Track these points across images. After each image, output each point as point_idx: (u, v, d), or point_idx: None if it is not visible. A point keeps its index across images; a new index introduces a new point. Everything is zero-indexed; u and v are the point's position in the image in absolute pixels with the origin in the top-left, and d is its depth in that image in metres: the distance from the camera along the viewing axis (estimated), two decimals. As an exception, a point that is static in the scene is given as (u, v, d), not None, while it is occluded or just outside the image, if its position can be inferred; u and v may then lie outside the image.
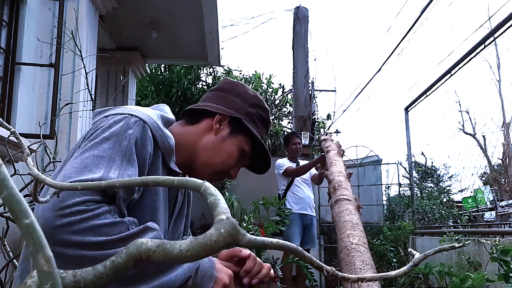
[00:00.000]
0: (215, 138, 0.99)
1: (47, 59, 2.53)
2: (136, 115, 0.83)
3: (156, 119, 0.88)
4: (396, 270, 0.34)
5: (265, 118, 1.07)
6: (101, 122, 0.83)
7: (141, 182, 0.37)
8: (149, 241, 0.31)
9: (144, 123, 0.83)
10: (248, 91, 1.07)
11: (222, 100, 1.03)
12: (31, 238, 0.27)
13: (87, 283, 0.31)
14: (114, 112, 0.86)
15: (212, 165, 1.00)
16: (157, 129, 0.86)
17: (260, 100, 1.07)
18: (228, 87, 1.07)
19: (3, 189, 0.27)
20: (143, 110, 0.89)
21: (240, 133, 1.01)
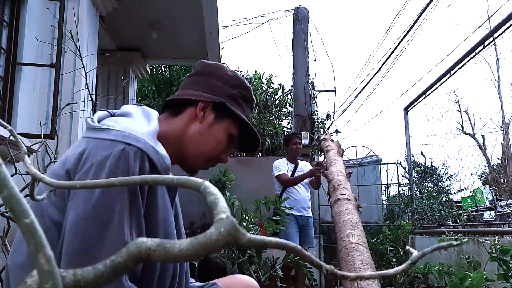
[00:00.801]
0: (201, 127, 0.97)
1: (48, 59, 2.53)
2: (133, 145, 0.79)
3: (150, 139, 0.84)
4: (395, 268, 0.34)
5: (248, 97, 1.04)
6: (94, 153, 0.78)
7: (141, 181, 0.38)
8: (149, 240, 0.31)
9: (142, 152, 0.80)
10: (227, 72, 1.03)
11: (202, 85, 1.00)
12: (32, 238, 0.27)
13: (87, 282, 0.31)
14: (109, 138, 0.80)
15: (202, 154, 0.99)
16: (154, 153, 0.82)
17: (241, 79, 1.04)
18: (206, 71, 1.03)
19: (4, 188, 0.27)
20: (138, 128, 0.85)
21: (226, 117, 0.99)
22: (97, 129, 0.83)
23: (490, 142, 12.74)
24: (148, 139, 0.83)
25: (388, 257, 4.02)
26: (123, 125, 0.84)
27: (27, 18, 2.42)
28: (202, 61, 1.08)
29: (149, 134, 0.85)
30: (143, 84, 8.18)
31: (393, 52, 6.76)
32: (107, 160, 0.76)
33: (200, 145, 0.97)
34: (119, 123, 0.86)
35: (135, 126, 0.86)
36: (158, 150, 0.84)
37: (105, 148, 0.78)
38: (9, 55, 2.34)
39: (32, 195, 0.49)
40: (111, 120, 0.88)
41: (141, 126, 0.87)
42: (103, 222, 0.73)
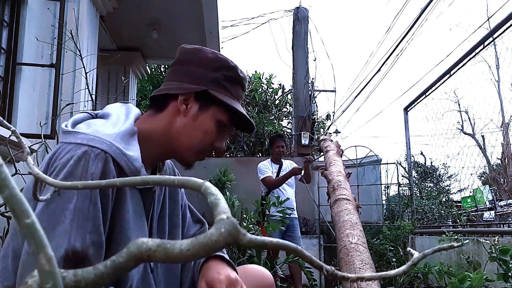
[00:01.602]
0: (186, 120, 0.93)
1: (48, 59, 2.53)
2: (97, 147, 0.78)
3: (118, 141, 0.82)
4: (395, 269, 0.34)
5: (233, 76, 0.97)
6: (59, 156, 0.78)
7: (142, 181, 0.38)
8: (150, 240, 0.31)
9: (105, 154, 0.79)
10: (206, 54, 0.96)
11: (182, 74, 0.95)
12: (32, 238, 0.27)
13: (87, 282, 0.31)
14: (74, 141, 0.79)
15: (192, 146, 0.95)
16: (120, 155, 0.81)
17: (222, 60, 0.97)
18: (185, 58, 0.97)
19: (4, 188, 0.27)
20: (106, 130, 0.83)
21: (211, 104, 0.94)
22: (66, 133, 0.82)
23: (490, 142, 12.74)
24: (115, 141, 0.81)
25: (388, 257, 4.02)
26: (93, 128, 0.84)
27: (27, 18, 2.42)
28: (182, 46, 1.01)
29: (118, 135, 0.83)
30: (142, 84, 8.19)
31: (393, 52, 6.76)
32: (68, 162, 0.76)
33: (188, 138, 0.94)
34: (91, 126, 0.85)
35: (104, 128, 0.84)
36: (126, 152, 0.82)
37: (69, 151, 0.78)
38: (9, 55, 2.34)
39: (35, 195, 0.50)
40: (85, 123, 0.87)
41: (111, 128, 0.85)
42: (52, 222, 0.72)
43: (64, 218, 0.73)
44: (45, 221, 0.72)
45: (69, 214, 0.73)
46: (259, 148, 8.26)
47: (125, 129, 0.86)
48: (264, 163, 4.04)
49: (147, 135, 0.91)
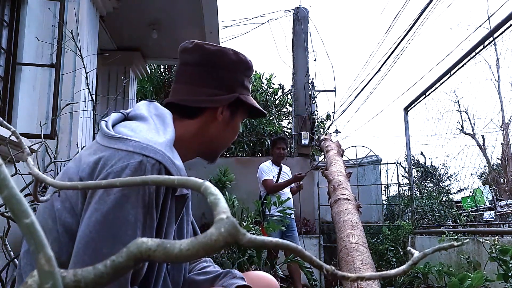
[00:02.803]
0: (220, 125, 0.99)
1: (48, 59, 2.53)
2: (151, 157, 0.77)
3: (168, 150, 0.82)
4: (395, 269, 0.34)
5: (251, 74, 1.04)
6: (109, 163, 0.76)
7: (142, 181, 0.38)
8: (150, 240, 0.31)
9: (160, 164, 0.78)
10: (230, 57, 0.98)
11: (210, 80, 0.96)
12: (32, 238, 0.27)
13: (87, 282, 0.31)
14: (125, 148, 0.77)
15: (225, 145, 1.05)
16: (172, 165, 0.80)
17: (245, 61, 1.00)
18: (210, 60, 0.97)
19: (4, 189, 0.27)
20: (155, 138, 0.82)
21: (239, 108, 1.01)
22: (113, 138, 0.80)
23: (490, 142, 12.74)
24: (166, 151, 0.80)
25: (388, 257, 4.02)
26: (140, 134, 0.82)
27: (27, 18, 2.42)
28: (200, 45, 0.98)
29: (167, 144, 0.83)
30: (142, 85, 8.19)
31: (393, 52, 6.76)
32: (123, 171, 0.74)
33: (222, 140, 1.02)
34: (136, 131, 0.83)
35: (152, 135, 0.83)
36: (175, 162, 0.82)
37: (122, 159, 0.76)
38: (9, 55, 2.34)
39: (35, 196, 0.49)
40: (126, 127, 0.86)
41: (158, 135, 0.84)
42: (114, 235, 0.71)
43: (126, 229, 0.72)
44: (106, 232, 0.71)
45: (131, 226, 0.72)
46: (259, 148, 8.26)
47: (170, 138, 0.86)
48: (267, 164, 4.04)
49: (180, 140, 0.92)
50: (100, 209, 0.72)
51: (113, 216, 0.72)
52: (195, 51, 0.98)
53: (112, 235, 0.71)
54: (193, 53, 0.98)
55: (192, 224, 1.13)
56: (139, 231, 0.73)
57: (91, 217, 0.72)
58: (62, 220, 0.77)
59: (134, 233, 0.72)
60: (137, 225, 0.73)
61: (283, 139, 4.33)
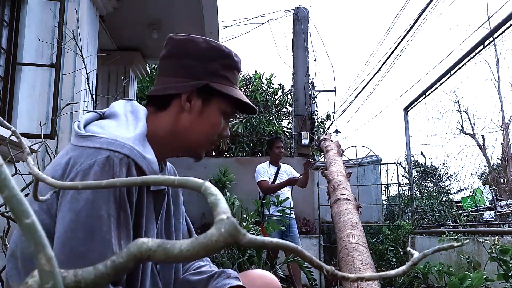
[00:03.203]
0: (192, 116, 0.94)
1: (48, 59, 2.53)
2: (118, 151, 0.77)
3: (137, 144, 0.81)
4: (395, 269, 0.34)
5: (230, 64, 0.96)
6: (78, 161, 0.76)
7: (142, 181, 0.38)
8: (150, 240, 0.31)
9: (128, 158, 0.77)
10: (200, 45, 0.94)
11: (179, 69, 0.94)
12: (32, 238, 0.27)
13: (88, 282, 0.31)
14: (93, 145, 0.77)
15: (201, 140, 0.97)
16: (141, 158, 0.80)
17: (217, 48, 0.95)
18: (178, 50, 0.95)
19: (4, 188, 0.27)
20: (123, 133, 0.82)
21: (213, 97, 0.94)
22: (82, 137, 0.81)
23: (490, 142, 12.75)
24: (134, 144, 0.80)
25: (388, 257, 4.02)
26: (108, 130, 0.82)
27: (27, 18, 2.42)
28: (171, 37, 0.98)
29: (136, 138, 0.82)
30: (143, 85, 8.19)
31: (393, 52, 6.76)
32: (91, 168, 0.74)
33: (196, 133, 0.95)
34: (105, 128, 0.84)
35: (120, 130, 0.83)
36: (146, 155, 0.81)
37: (89, 156, 0.76)
38: (9, 55, 2.34)
39: (35, 195, 0.50)
40: (97, 124, 0.86)
41: (127, 130, 0.84)
42: (89, 232, 0.71)
43: (100, 226, 0.71)
44: (81, 230, 0.71)
45: (105, 222, 0.72)
46: (259, 148, 8.26)
47: (140, 132, 0.85)
48: (263, 165, 4.06)
49: (155, 134, 0.91)
50: (73, 208, 0.72)
51: (86, 214, 0.71)
52: (167, 43, 0.98)
53: (87, 233, 0.71)
54: (166, 45, 0.98)
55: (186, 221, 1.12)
56: (114, 226, 0.73)
57: (65, 217, 0.72)
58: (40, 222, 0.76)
59: (109, 229, 0.72)
60: (110, 220, 0.73)
61: (280, 138, 4.34)
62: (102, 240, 0.71)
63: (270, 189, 3.89)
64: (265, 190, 3.90)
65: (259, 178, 3.95)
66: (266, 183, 3.92)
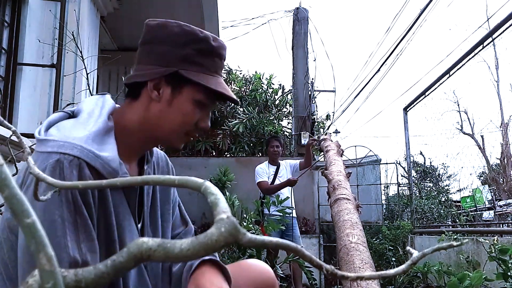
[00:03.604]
0: (161, 105, 0.88)
1: (49, 60, 2.53)
2: (68, 153, 0.75)
3: (90, 143, 0.78)
4: (395, 269, 0.34)
5: (206, 48, 0.90)
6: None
7: (142, 181, 0.38)
8: (150, 240, 0.32)
9: (78, 160, 0.75)
10: (172, 29, 0.88)
11: (150, 56, 0.90)
12: (33, 238, 0.27)
13: (88, 282, 0.31)
14: (45, 150, 0.76)
15: (173, 131, 0.91)
16: (94, 158, 0.77)
17: (190, 33, 0.89)
18: (150, 36, 0.91)
19: (5, 188, 0.27)
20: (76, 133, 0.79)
21: (184, 85, 0.88)
22: (39, 141, 0.79)
23: (489, 142, 12.75)
24: (86, 144, 0.77)
25: (388, 256, 4.02)
26: (62, 132, 0.80)
27: (28, 19, 2.42)
28: (146, 23, 0.93)
29: (89, 137, 0.79)
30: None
31: (393, 52, 6.76)
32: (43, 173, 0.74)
33: (167, 124, 0.89)
34: (60, 130, 0.81)
35: (74, 130, 0.80)
36: (101, 154, 0.78)
37: (42, 161, 0.75)
38: (10, 55, 2.34)
39: (36, 195, 0.50)
40: (56, 126, 0.83)
41: (83, 129, 0.81)
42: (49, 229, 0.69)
43: (54, 230, 0.70)
44: None
45: (59, 227, 0.71)
46: (259, 148, 8.26)
47: (97, 129, 0.82)
48: (262, 166, 4.07)
49: (126, 127, 0.88)
50: None
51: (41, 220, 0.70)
52: (145, 27, 0.93)
53: None
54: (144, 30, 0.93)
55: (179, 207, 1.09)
56: (69, 230, 0.72)
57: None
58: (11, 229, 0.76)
59: (64, 233, 0.71)
60: (65, 224, 0.71)
61: (276, 137, 4.35)
62: (58, 245, 0.70)
63: (270, 189, 3.90)
64: (265, 191, 3.92)
65: (258, 179, 3.96)
66: (266, 184, 3.93)
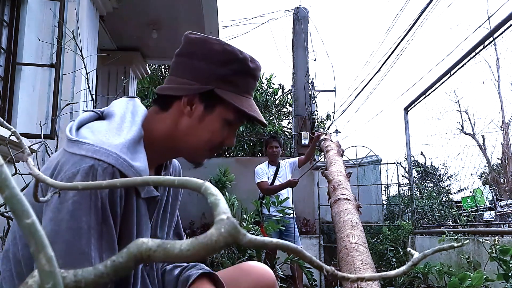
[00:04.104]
0: (191, 121, 0.88)
1: (48, 59, 2.53)
2: (103, 160, 0.74)
3: (125, 152, 0.78)
4: (396, 270, 0.34)
5: (244, 70, 0.89)
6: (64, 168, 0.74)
7: (142, 181, 0.38)
8: (150, 240, 0.31)
9: (112, 168, 0.75)
10: (212, 47, 0.88)
11: (187, 70, 0.88)
12: (33, 238, 0.27)
13: (88, 282, 0.31)
14: (79, 152, 0.75)
15: (200, 147, 0.91)
16: (128, 167, 0.76)
17: (230, 53, 0.88)
18: (189, 50, 0.90)
19: (5, 189, 0.27)
20: (112, 139, 0.79)
21: (217, 104, 0.88)
22: (71, 141, 0.78)
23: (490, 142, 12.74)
24: (121, 152, 0.77)
25: (388, 257, 4.02)
26: (97, 136, 0.79)
27: (27, 18, 2.42)
28: (186, 35, 0.92)
29: (124, 145, 0.79)
30: (143, 85, 8.19)
31: (393, 52, 6.76)
32: (75, 176, 0.73)
33: (194, 139, 0.90)
34: (95, 132, 0.81)
35: (110, 135, 0.80)
36: (134, 163, 0.78)
37: (74, 164, 0.74)
38: (9, 55, 2.34)
39: (35, 196, 0.50)
40: (89, 127, 0.83)
41: (118, 136, 0.80)
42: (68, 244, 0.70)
43: (80, 238, 0.70)
44: (60, 243, 0.69)
45: (85, 234, 0.70)
46: (259, 148, 8.26)
47: (132, 137, 0.81)
48: (262, 166, 4.07)
49: (153, 136, 0.88)
50: (55, 218, 0.70)
51: (66, 226, 0.70)
52: (183, 40, 0.93)
53: (66, 245, 0.69)
54: (182, 43, 0.93)
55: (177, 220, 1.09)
56: (94, 239, 0.71)
57: (47, 227, 0.70)
58: None
59: (89, 241, 0.70)
60: (90, 232, 0.71)
61: (274, 137, 4.35)
62: (81, 253, 0.70)
63: (270, 190, 3.90)
64: (265, 191, 3.92)
65: (258, 180, 3.97)
66: (266, 184, 3.93)
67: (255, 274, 1.07)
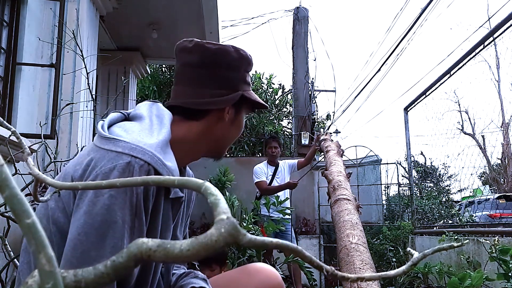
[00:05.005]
0: (225, 125, 0.97)
1: (48, 59, 2.53)
2: (139, 158, 0.76)
3: (159, 151, 0.81)
4: (395, 270, 0.34)
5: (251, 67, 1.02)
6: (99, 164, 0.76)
7: (142, 181, 0.38)
8: (150, 240, 0.31)
9: (148, 165, 0.77)
10: (232, 55, 0.96)
11: (213, 80, 0.94)
12: (33, 238, 0.27)
13: (88, 282, 0.31)
14: (115, 149, 0.77)
15: (229, 144, 1.04)
16: (162, 166, 0.79)
17: (246, 58, 0.99)
18: (211, 61, 0.94)
19: (5, 189, 0.27)
20: (146, 139, 0.82)
21: (243, 104, 0.99)
22: (105, 138, 0.80)
23: (490, 142, 12.75)
24: (156, 151, 0.79)
25: (388, 257, 4.02)
26: (132, 135, 0.82)
27: (27, 18, 2.42)
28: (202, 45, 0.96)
29: (158, 145, 0.82)
30: (143, 85, 8.19)
31: (393, 52, 6.76)
32: (112, 172, 0.74)
33: (227, 140, 1.02)
34: (128, 131, 0.83)
35: (143, 135, 0.83)
36: (167, 163, 0.81)
37: (110, 160, 0.76)
38: (9, 55, 2.34)
39: (35, 196, 0.50)
40: (121, 126, 0.85)
41: (150, 136, 0.84)
42: (102, 237, 0.71)
43: (114, 232, 0.71)
44: (94, 235, 0.70)
45: (119, 228, 0.72)
46: (259, 148, 8.26)
47: (163, 138, 0.85)
48: (260, 166, 4.07)
49: (180, 141, 0.91)
50: (89, 211, 0.71)
51: (101, 219, 0.71)
52: (195, 51, 0.95)
53: (100, 238, 0.71)
54: (193, 53, 0.95)
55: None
56: (127, 233, 0.73)
57: (80, 219, 0.71)
58: (54, 219, 0.77)
59: (122, 235, 0.72)
60: (124, 227, 0.72)
61: (274, 138, 4.36)
62: (114, 246, 0.71)
63: (269, 190, 3.90)
64: (263, 191, 3.91)
65: (256, 179, 3.96)
66: (264, 184, 3.93)
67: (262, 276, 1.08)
